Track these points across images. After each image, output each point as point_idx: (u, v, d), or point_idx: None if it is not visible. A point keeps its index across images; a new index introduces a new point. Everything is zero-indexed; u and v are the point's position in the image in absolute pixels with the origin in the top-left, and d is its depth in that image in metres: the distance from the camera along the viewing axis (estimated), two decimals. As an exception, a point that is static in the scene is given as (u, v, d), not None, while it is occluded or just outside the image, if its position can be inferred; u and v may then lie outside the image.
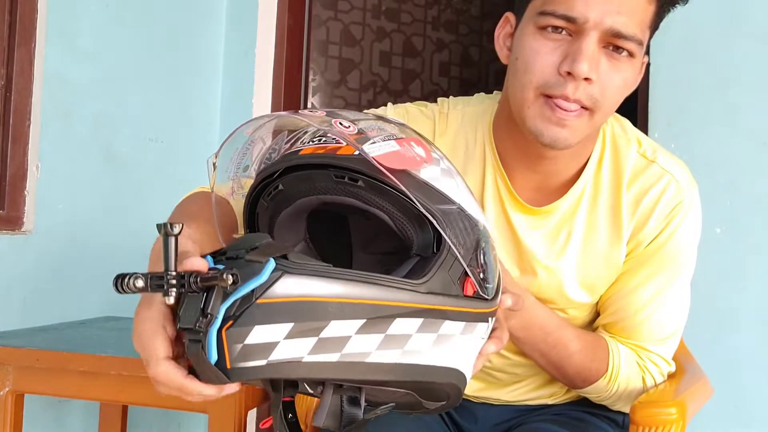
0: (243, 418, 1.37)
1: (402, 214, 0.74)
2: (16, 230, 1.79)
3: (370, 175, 0.72)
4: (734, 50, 1.84)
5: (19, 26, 1.78)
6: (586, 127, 0.96)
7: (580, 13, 0.91)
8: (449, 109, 1.12)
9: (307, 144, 0.77)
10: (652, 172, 1.06)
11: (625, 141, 1.08)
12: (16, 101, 1.78)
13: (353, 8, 2.60)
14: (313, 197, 0.77)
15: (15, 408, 1.44)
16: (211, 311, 0.64)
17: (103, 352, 1.42)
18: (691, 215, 1.07)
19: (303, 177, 0.76)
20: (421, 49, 2.75)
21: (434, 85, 2.76)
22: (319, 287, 0.65)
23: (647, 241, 1.06)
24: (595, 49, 0.92)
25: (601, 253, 1.07)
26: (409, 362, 0.71)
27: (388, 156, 0.71)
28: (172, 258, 0.64)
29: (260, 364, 0.64)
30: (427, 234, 0.74)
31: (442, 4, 2.79)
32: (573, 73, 0.91)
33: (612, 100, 0.97)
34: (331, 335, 0.66)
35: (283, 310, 0.64)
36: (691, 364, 1.25)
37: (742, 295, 1.84)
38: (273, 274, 0.64)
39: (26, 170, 1.80)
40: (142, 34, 2.18)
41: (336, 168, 0.73)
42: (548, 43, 0.94)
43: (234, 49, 2.46)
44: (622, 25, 0.92)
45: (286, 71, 2.42)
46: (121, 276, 0.62)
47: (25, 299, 1.82)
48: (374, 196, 0.73)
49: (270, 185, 0.79)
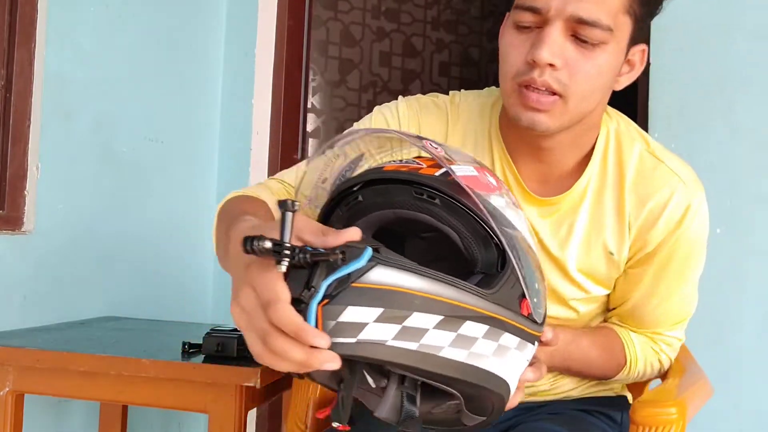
0: (243, 418, 1.37)
1: (470, 233, 0.81)
2: (16, 230, 1.79)
3: (448, 194, 0.80)
4: (734, 50, 1.84)
5: (19, 26, 1.78)
6: (561, 113, 0.99)
7: (543, 3, 0.95)
8: (461, 101, 1.16)
9: (389, 163, 0.85)
10: (660, 173, 1.07)
11: (629, 138, 1.09)
12: (16, 101, 1.78)
13: (353, 8, 2.60)
14: (389, 211, 0.83)
15: (15, 408, 1.44)
16: (314, 285, 0.68)
17: (103, 352, 1.42)
18: (700, 216, 1.08)
19: (382, 191, 0.83)
20: (421, 50, 2.75)
21: (434, 86, 2.76)
22: (407, 280, 0.71)
23: (656, 242, 1.07)
24: (559, 36, 0.95)
25: (602, 247, 1.09)
26: (473, 363, 0.76)
27: (468, 178, 0.79)
28: (288, 231, 0.68)
29: (350, 341, 0.69)
30: (491, 253, 0.81)
31: (441, 5, 2.79)
32: (535, 60, 0.95)
33: (585, 87, 0.98)
34: (412, 325, 0.71)
35: (374, 296, 0.70)
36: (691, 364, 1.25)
37: (742, 295, 1.84)
38: (369, 262, 0.70)
39: (26, 170, 1.80)
40: (142, 35, 2.18)
41: (417, 185, 0.81)
42: (520, 36, 0.99)
43: (234, 49, 2.46)
44: (584, 11, 0.94)
45: (286, 71, 2.42)
46: (251, 237, 0.67)
47: (25, 299, 1.82)
48: (448, 214, 0.80)
49: (349, 196, 0.85)
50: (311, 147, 2.52)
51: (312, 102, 2.53)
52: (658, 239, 1.07)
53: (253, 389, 1.34)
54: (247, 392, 1.36)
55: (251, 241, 0.66)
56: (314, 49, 2.52)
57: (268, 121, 2.40)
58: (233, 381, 1.33)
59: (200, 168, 2.41)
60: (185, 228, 2.36)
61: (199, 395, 1.37)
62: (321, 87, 2.54)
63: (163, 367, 1.36)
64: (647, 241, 1.08)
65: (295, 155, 2.48)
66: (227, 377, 1.33)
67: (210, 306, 2.43)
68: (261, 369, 1.32)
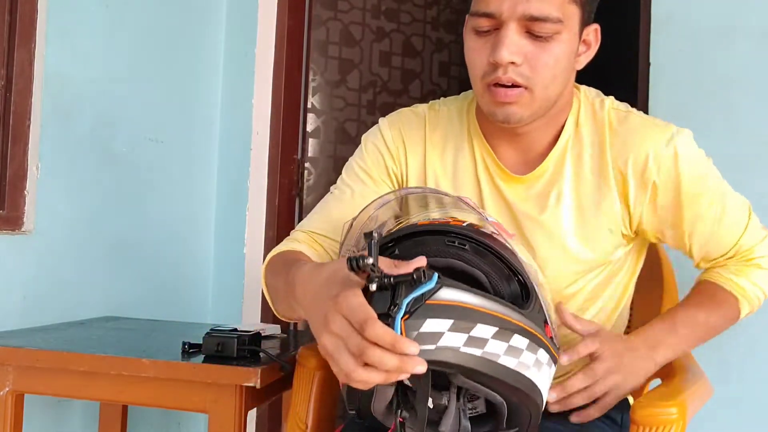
0: (243, 418, 1.37)
1: (496, 273, 0.93)
2: (16, 230, 1.79)
3: (477, 240, 0.94)
4: (734, 50, 1.84)
5: (19, 26, 1.78)
6: (529, 102, 1.08)
7: (495, 7, 1.05)
8: (440, 107, 1.27)
9: (421, 221, 1.00)
10: (632, 119, 1.16)
11: (600, 101, 1.19)
12: (16, 101, 1.78)
13: (353, 8, 2.60)
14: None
15: (15, 408, 1.44)
16: (398, 302, 0.81)
17: (103, 352, 1.42)
18: (683, 141, 1.15)
19: (418, 242, 0.96)
20: (421, 49, 2.75)
21: (434, 85, 2.76)
22: (468, 298, 0.85)
23: (659, 183, 1.14)
24: (515, 35, 1.05)
25: (594, 205, 1.15)
26: (521, 371, 0.88)
27: (496, 224, 0.97)
28: (375, 255, 0.80)
29: (430, 348, 0.82)
30: (515, 288, 0.94)
31: (441, 4, 2.79)
32: (496, 60, 1.05)
33: (546, 76, 1.07)
34: (476, 335, 0.84)
35: (445, 310, 0.83)
36: (691, 364, 1.25)
37: (742, 295, 1.84)
38: (437, 284, 0.83)
39: (26, 170, 1.80)
40: (142, 34, 2.18)
41: (450, 234, 0.95)
42: (480, 40, 1.09)
43: (234, 49, 2.45)
44: (534, 9, 1.03)
45: (286, 71, 2.42)
46: (355, 257, 0.79)
47: (25, 299, 1.82)
48: (476, 258, 0.93)
49: (386, 251, 0.97)
50: (311, 147, 2.52)
51: (312, 102, 2.53)
52: (659, 179, 1.13)
53: (253, 389, 1.34)
54: (247, 392, 1.36)
55: (356, 260, 0.79)
56: (314, 49, 2.52)
57: (268, 121, 2.40)
58: (233, 381, 1.33)
59: (200, 168, 2.41)
60: (185, 228, 2.36)
61: (199, 395, 1.37)
62: (321, 87, 2.54)
63: (163, 367, 1.36)
64: (648, 185, 1.14)
65: (295, 155, 2.48)
66: (227, 377, 1.33)
67: (210, 306, 2.43)
68: (261, 369, 1.32)
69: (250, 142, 2.41)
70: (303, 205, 2.49)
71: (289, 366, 1.37)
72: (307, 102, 2.52)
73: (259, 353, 1.41)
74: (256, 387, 1.32)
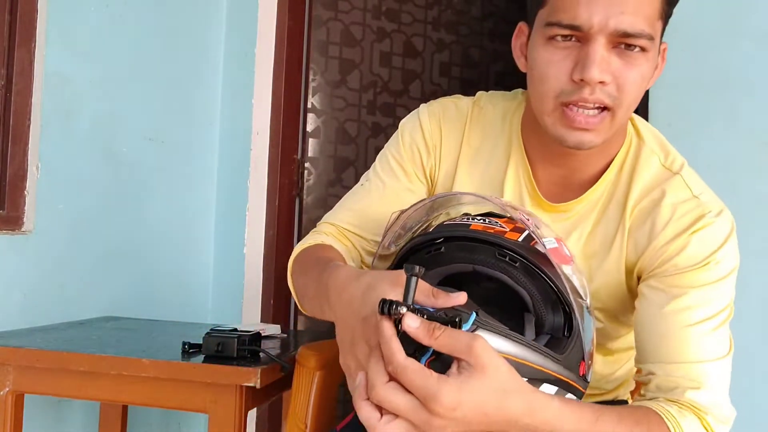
0: (243, 418, 1.37)
1: (542, 297, 0.89)
2: (16, 230, 1.79)
3: (528, 260, 0.88)
4: (734, 51, 1.84)
5: (19, 26, 1.78)
6: (609, 127, 0.98)
7: (584, 20, 0.93)
8: (485, 102, 1.17)
9: (474, 221, 0.94)
10: (673, 185, 1.04)
11: (649, 150, 1.08)
12: (16, 101, 1.78)
13: (353, 8, 2.60)
14: (470, 265, 0.91)
15: (15, 408, 1.44)
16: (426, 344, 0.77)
17: (103, 352, 1.42)
18: (715, 232, 1.02)
19: (468, 247, 0.92)
20: (422, 50, 2.74)
21: (435, 86, 2.76)
22: (502, 344, 0.80)
23: (658, 257, 1.02)
24: (604, 52, 0.94)
25: (602, 257, 1.07)
26: None
27: (551, 250, 0.89)
28: (412, 295, 0.76)
29: None
30: (558, 318, 0.90)
31: (442, 5, 2.78)
32: (585, 79, 0.94)
33: (631, 96, 0.98)
34: None
35: None
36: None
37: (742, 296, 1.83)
38: (472, 326, 0.78)
39: (26, 170, 1.80)
40: (142, 34, 2.18)
41: (502, 247, 0.90)
42: (558, 52, 0.96)
43: (234, 49, 2.45)
44: (628, 24, 0.93)
45: (286, 71, 2.42)
46: (389, 302, 0.75)
47: (25, 299, 1.82)
48: (524, 277, 0.89)
49: (431, 246, 0.94)
50: (311, 147, 2.52)
51: (312, 102, 2.53)
52: (660, 255, 1.01)
53: (253, 389, 1.34)
54: (247, 392, 1.36)
55: (389, 306, 0.75)
56: (314, 49, 2.52)
57: (268, 121, 2.40)
58: (233, 381, 1.33)
59: (200, 168, 2.41)
60: (185, 228, 2.36)
61: (199, 395, 1.37)
62: (321, 87, 2.54)
63: (163, 367, 1.36)
64: (646, 256, 1.03)
65: (295, 155, 2.48)
66: (227, 377, 1.33)
67: (210, 306, 2.43)
68: (261, 369, 1.32)
69: (250, 142, 2.41)
70: (303, 205, 2.49)
71: (289, 366, 1.37)
72: (307, 102, 2.52)
73: (259, 353, 1.41)
74: (256, 387, 1.32)
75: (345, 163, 2.58)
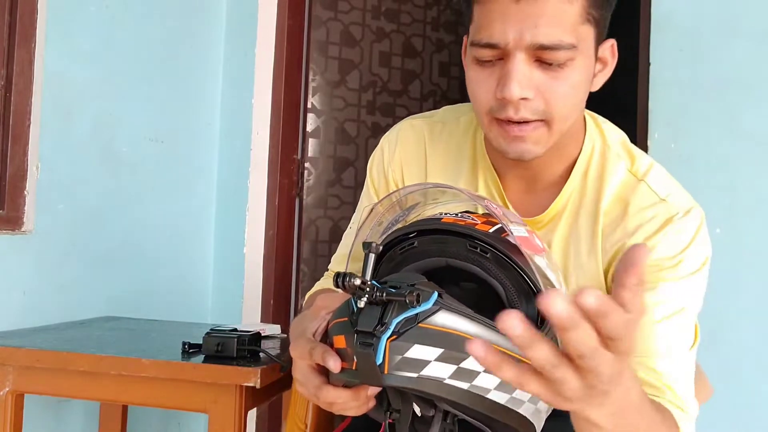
0: (243, 418, 1.37)
1: (514, 287, 0.87)
2: (16, 230, 1.79)
3: (500, 250, 0.87)
4: (734, 51, 1.84)
5: (19, 26, 1.78)
6: (547, 137, 0.97)
7: (499, 37, 0.92)
8: (449, 117, 1.16)
9: (446, 216, 0.93)
10: (640, 193, 1.03)
11: (615, 155, 1.06)
12: (16, 101, 1.78)
13: (353, 9, 2.60)
14: (442, 259, 0.90)
15: (15, 408, 1.44)
16: (386, 321, 0.76)
17: (103, 352, 1.42)
18: (681, 232, 1.00)
19: (439, 240, 0.90)
20: (421, 50, 2.75)
21: (434, 86, 2.76)
22: (466, 326, 0.77)
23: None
24: (524, 67, 0.92)
25: (580, 265, 1.05)
26: (512, 407, 0.82)
27: (521, 239, 0.86)
28: (370, 270, 0.76)
29: (412, 376, 0.76)
30: (532, 309, 0.87)
31: (441, 5, 2.79)
32: (506, 97, 0.92)
33: (565, 107, 0.95)
34: (467, 367, 0.77)
35: (437, 337, 0.76)
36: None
37: (742, 296, 1.84)
38: (434, 305, 0.76)
39: (26, 170, 1.80)
40: (142, 35, 2.18)
41: (473, 239, 0.88)
42: (484, 70, 0.95)
43: (234, 49, 2.46)
44: (543, 37, 0.91)
45: (286, 71, 2.42)
46: (343, 275, 0.74)
47: (25, 299, 1.82)
48: (496, 268, 0.87)
49: (405, 241, 0.93)
50: (311, 147, 2.52)
51: (312, 102, 2.53)
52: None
53: (253, 389, 1.34)
54: (247, 392, 1.36)
55: (343, 278, 0.74)
56: (314, 49, 2.52)
57: (268, 121, 2.41)
58: (233, 381, 1.33)
59: (200, 168, 2.41)
60: (185, 228, 2.36)
61: (199, 395, 1.37)
62: (321, 87, 2.54)
63: (163, 367, 1.36)
64: (618, 259, 1.00)
65: (295, 155, 2.48)
66: (227, 377, 1.33)
67: (210, 306, 2.43)
68: (261, 369, 1.32)
69: (250, 142, 2.41)
70: (303, 205, 2.49)
71: (289, 366, 1.37)
72: (307, 102, 2.52)
73: (259, 353, 1.41)
74: (256, 387, 1.32)
75: (345, 163, 2.58)
